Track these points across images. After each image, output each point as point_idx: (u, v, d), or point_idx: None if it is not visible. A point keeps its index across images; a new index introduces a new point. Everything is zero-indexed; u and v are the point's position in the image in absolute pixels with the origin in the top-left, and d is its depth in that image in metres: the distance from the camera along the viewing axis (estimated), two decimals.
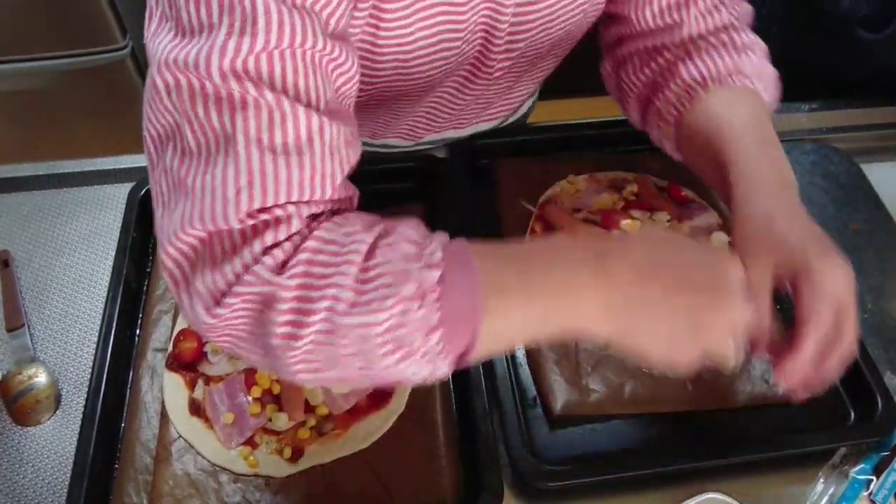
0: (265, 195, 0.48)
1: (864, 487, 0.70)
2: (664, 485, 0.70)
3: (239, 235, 0.48)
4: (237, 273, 0.47)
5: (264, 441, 0.69)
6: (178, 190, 0.49)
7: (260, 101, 0.48)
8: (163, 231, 0.50)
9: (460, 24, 0.67)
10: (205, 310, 0.48)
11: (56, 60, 1.70)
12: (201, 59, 0.47)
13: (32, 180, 0.93)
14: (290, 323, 0.47)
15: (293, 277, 0.47)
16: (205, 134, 0.48)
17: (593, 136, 0.98)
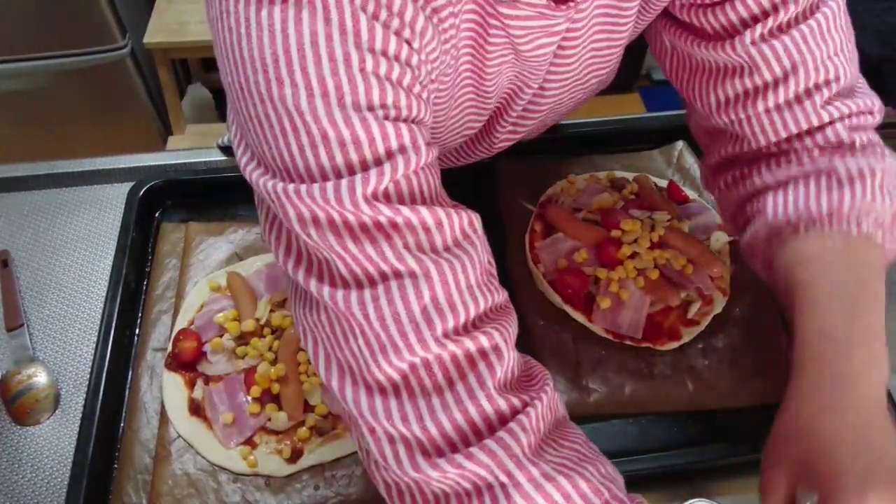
0: (454, 308, 0.44)
1: None
2: (664, 485, 0.70)
3: (442, 367, 0.43)
4: (459, 428, 0.43)
5: (264, 441, 0.69)
6: (346, 322, 0.45)
7: (412, 218, 0.44)
8: (332, 362, 0.46)
9: (484, 110, 0.65)
10: (409, 459, 0.43)
11: (56, 60, 1.71)
12: (343, 190, 0.42)
13: (32, 180, 0.93)
14: None
15: (542, 493, 0.42)
16: (361, 265, 0.44)
17: (593, 136, 0.97)
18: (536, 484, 0.42)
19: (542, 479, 0.43)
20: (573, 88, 0.68)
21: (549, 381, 0.49)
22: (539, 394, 0.47)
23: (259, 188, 0.46)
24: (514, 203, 0.88)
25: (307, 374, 0.71)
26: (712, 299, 0.79)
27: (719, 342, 0.77)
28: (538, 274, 0.80)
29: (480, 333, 0.45)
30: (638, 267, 0.78)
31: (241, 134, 0.47)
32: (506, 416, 0.44)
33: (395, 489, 0.46)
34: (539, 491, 0.42)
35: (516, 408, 0.45)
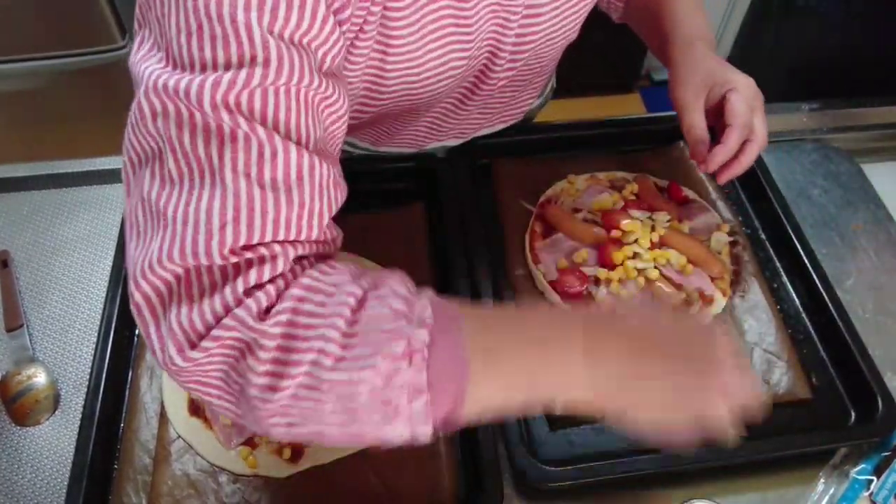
0: (251, 231, 0.46)
1: (865, 488, 0.70)
2: (664, 485, 0.70)
3: (220, 272, 0.45)
4: (217, 315, 0.45)
5: (264, 441, 0.69)
6: (156, 220, 0.47)
7: (250, 136, 0.46)
8: (135, 263, 0.47)
9: (468, 45, 0.67)
10: (178, 352, 0.45)
11: (56, 60, 1.70)
12: (193, 88, 0.45)
13: (32, 180, 0.93)
14: (270, 374, 0.44)
15: (277, 325, 0.44)
16: (188, 164, 0.46)
17: (593, 136, 0.97)
18: (273, 322, 0.45)
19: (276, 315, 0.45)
20: (563, 9, 0.71)
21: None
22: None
23: (134, 70, 0.49)
24: (514, 203, 0.88)
25: None
26: (712, 299, 0.79)
27: None
28: (538, 274, 0.80)
29: (264, 247, 0.46)
30: (638, 267, 0.78)
31: (143, 16, 0.51)
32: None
33: (202, 396, 0.48)
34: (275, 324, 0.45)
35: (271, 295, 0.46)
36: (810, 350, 0.79)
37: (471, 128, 0.89)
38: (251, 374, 0.44)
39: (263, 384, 0.44)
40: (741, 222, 0.89)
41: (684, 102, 0.75)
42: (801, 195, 0.95)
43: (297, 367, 0.44)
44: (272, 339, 0.44)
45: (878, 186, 0.96)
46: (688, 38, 0.78)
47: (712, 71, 0.75)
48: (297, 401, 0.45)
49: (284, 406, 0.45)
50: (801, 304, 0.82)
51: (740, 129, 0.71)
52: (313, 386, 0.44)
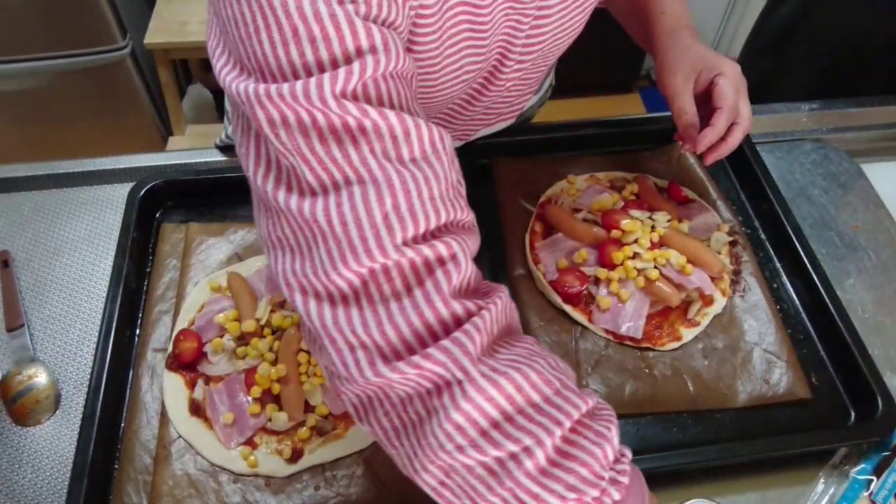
0: (414, 215, 0.44)
1: (865, 487, 0.70)
2: (664, 484, 0.70)
3: (401, 273, 0.44)
4: (416, 332, 0.43)
5: (264, 441, 0.69)
6: (309, 231, 0.45)
7: (379, 123, 0.45)
8: (295, 273, 0.45)
9: (482, 49, 0.67)
10: (369, 364, 0.43)
11: (56, 60, 1.70)
12: (311, 89, 0.43)
13: (32, 180, 0.93)
14: (463, 431, 0.42)
15: (495, 385, 0.43)
16: (327, 170, 0.44)
17: (593, 136, 0.98)
18: (489, 378, 0.44)
19: (495, 374, 0.44)
20: (570, 10, 0.71)
21: (503, 291, 0.50)
22: (494, 300, 0.48)
23: (232, 92, 0.47)
24: (514, 203, 0.88)
25: (308, 375, 0.71)
26: (712, 299, 0.79)
27: (719, 342, 0.77)
28: (538, 274, 0.80)
29: (440, 242, 0.45)
30: (638, 267, 0.78)
31: (220, 39, 0.49)
32: (461, 319, 0.45)
33: (360, 401, 0.47)
34: (492, 383, 0.43)
35: (471, 311, 0.46)
36: (810, 350, 0.79)
37: (475, 128, 0.89)
38: (445, 414, 0.43)
39: (451, 437, 0.43)
40: (741, 222, 0.89)
41: (674, 88, 0.78)
42: (800, 195, 0.95)
43: (497, 450, 0.43)
44: (485, 399, 0.43)
45: (878, 186, 0.96)
46: (673, 27, 0.81)
47: (700, 57, 0.78)
48: (469, 475, 0.44)
49: (454, 471, 0.44)
50: (800, 304, 0.82)
51: (728, 111, 0.74)
52: (496, 473, 0.43)
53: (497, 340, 0.48)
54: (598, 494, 0.44)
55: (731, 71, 0.76)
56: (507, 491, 0.43)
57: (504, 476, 0.43)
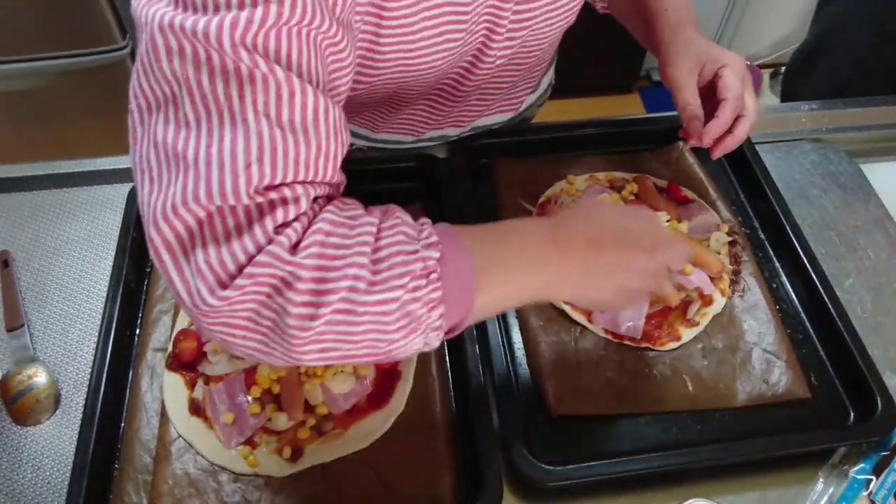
0: (275, 171, 0.47)
1: (864, 487, 0.70)
2: (664, 484, 0.70)
3: (246, 213, 0.47)
4: (249, 253, 0.46)
5: (264, 441, 0.69)
6: (174, 163, 0.47)
7: (268, 77, 0.47)
8: (152, 207, 0.47)
9: (464, 17, 0.67)
10: (209, 292, 0.46)
11: (56, 60, 1.70)
12: (212, 28, 0.45)
13: (32, 180, 0.93)
14: (308, 304, 0.47)
15: (310, 257, 0.47)
16: (206, 106, 0.46)
17: (593, 136, 0.98)
18: (306, 254, 0.48)
19: (306, 248, 0.48)
20: None
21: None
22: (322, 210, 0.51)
23: (139, 14, 0.48)
24: (513, 203, 0.88)
25: (308, 375, 0.71)
26: (711, 299, 0.79)
27: (719, 342, 0.77)
28: None
29: (287, 188, 0.48)
30: None
31: None
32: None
33: (224, 335, 0.49)
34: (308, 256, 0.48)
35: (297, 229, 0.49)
36: (809, 350, 0.79)
37: (469, 115, 0.89)
38: (290, 305, 0.46)
39: (302, 314, 0.47)
40: (740, 222, 0.89)
41: (678, 80, 0.77)
42: (800, 195, 0.95)
43: (333, 294, 0.47)
44: (308, 271, 0.47)
45: (878, 186, 0.96)
46: (676, 21, 0.81)
47: (703, 50, 0.78)
48: (333, 326, 0.48)
49: (321, 332, 0.48)
50: (800, 304, 0.82)
51: (734, 101, 0.74)
52: (349, 310, 0.48)
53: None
54: (422, 264, 0.49)
55: (735, 63, 0.76)
56: (364, 315, 0.48)
57: (355, 307, 0.48)
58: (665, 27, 0.81)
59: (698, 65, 0.77)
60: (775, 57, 2.54)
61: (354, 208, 0.53)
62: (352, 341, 0.49)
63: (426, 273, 0.50)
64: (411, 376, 0.73)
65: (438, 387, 0.73)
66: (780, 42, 2.51)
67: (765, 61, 2.55)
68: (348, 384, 0.71)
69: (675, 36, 0.80)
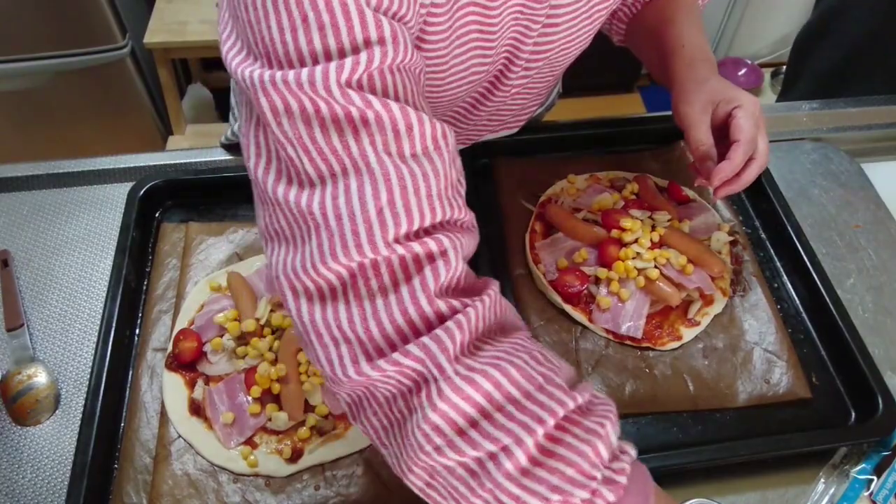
0: (409, 213, 0.44)
1: (865, 487, 0.70)
2: (665, 484, 0.69)
3: (389, 269, 0.43)
4: (398, 328, 0.43)
5: (264, 441, 0.69)
6: (304, 223, 0.45)
7: (382, 115, 0.44)
8: (289, 267, 0.45)
9: (489, 51, 0.66)
10: (352, 362, 0.43)
11: (56, 60, 1.70)
12: (317, 76, 0.43)
13: (32, 180, 0.93)
14: (440, 431, 0.42)
15: (475, 388, 0.42)
16: (326, 160, 0.44)
17: (593, 136, 0.97)
18: (466, 376, 0.43)
19: (472, 372, 0.43)
20: (580, 20, 0.71)
21: (493, 287, 0.49)
22: (482, 297, 0.46)
23: (238, 77, 0.46)
24: (514, 203, 0.88)
25: (307, 375, 0.71)
26: (712, 299, 0.79)
27: (720, 342, 0.77)
28: (538, 274, 0.80)
29: (431, 239, 0.45)
30: (638, 267, 0.78)
31: (230, 23, 0.49)
32: (445, 317, 0.44)
33: (352, 400, 0.47)
34: (468, 382, 0.42)
35: (455, 309, 0.45)
36: (810, 350, 0.79)
37: (479, 134, 0.89)
38: (423, 412, 0.42)
39: (429, 436, 0.42)
40: (741, 222, 0.89)
41: (691, 119, 0.75)
42: (801, 195, 0.95)
43: (474, 450, 0.42)
44: (466, 403, 0.42)
45: (878, 186, 0.96)
46: (692, 58, 0.79)
47: (718, 89, 0.75)
48: (450, 475, 0.43)
49: (436, 471, 0.43)
50: (801, 304, 0.82)
51: (746, 144, 0.72)
52: (477, 474, 0.42)
53: (483, 337, 0.47)
54: (588, 496, 0.42)
55: (749, 104, 0.74)
56: (488, 493, 0.42)
57: (484, 477, 0.42)
58: (680, 63, 0.79)
59: (712, 103, 0.75)
60: (775, 57, 2.54)
61: (555, 372, 0.46)
62: (459, 502, 0.43)
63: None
64: None
65: None
66: (780, 42, 2.51)
67: (765, 61, 2.55)
68: None
69: (689, 73, 0.78)
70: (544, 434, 0.42)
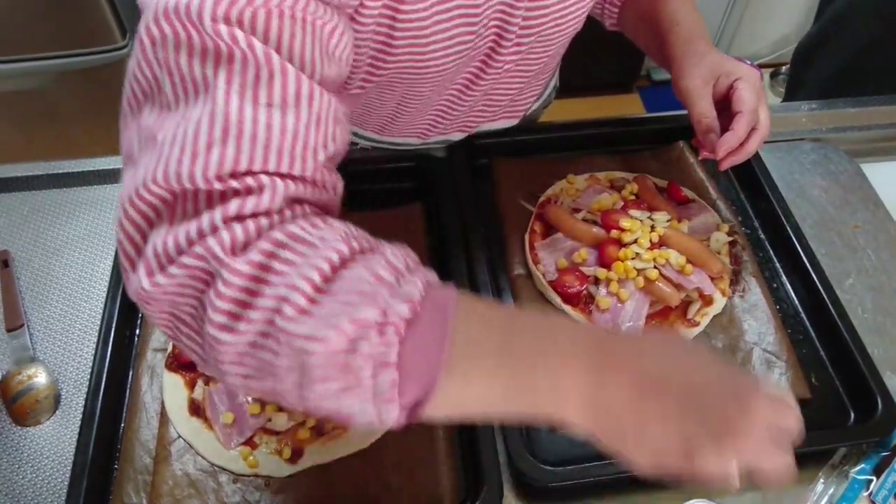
0: (239, 155, 0.43)
1: (864, 488, 0.70)
2: (664, 484, 0.70)
3: (204, 198, 0.43)
4: (190, 240, 0.42)
5: (264, 441, 0.69)
6: (147, 144, 0.45)
7: (248, 55, 0.44)
8: (125, 189, 0.45)
9: (475, 18, 0.67)
10: (146, 274, 0.43)
11: (56, 60, 1.70)
12: (193, 4, 0.44)
13: (32, 180, 0.93)
14: (229, 313, 0.42)
15: (248, 264, 0.42)
16: (184, 85, 0.45)
17: (593, 136, 0.98)
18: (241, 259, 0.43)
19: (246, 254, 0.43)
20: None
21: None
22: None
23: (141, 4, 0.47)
24: (513, 203, 0.88)
25: None
26: (712, 300, 0.79)
27: (719, 342, 0.77)
28: (538, 274, 0.80)
29: (251, 178, 0.44)
30: (638, 267, 0.78)
31: None
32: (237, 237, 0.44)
33: (167, 326, 0.47)
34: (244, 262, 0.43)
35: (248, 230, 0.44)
36: (809, 350, 0.79)
37: (475, 121, 0.89)
38: (210, 309, 0.42)
39: (221, 323, 0.42)
40: (741, 222, 0.89)
41: (693, 93, 0.76)
42: (800, 195, 0.95)
43: (258, 311, 0.41)
44: (238, 277, 0.41)
45: (878, 186, 0.96)
46: (689, 34, 0.80)
47: (717, 62, 0.77)
48: (253, 349, 0.42)
49: (241, 353, 0.42)
50: (800, 304, 0.82)
51: (749, 115, 0.73)
52: (270, 334, 0.41)
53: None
54: (378, 314, 0.40)
55: (750, 76, 0.75)
56: (285, 345, 0.41)
57: (277, 333, 0.41)
58: (677, 41, 0.81)
59: (713, 77, 0.76)
60: (775, 57, 2.54)
61: (332, 230, 0.45)
62: (276, 376, 0.42)
63: (381, 324, 0.40)
64: None
65: None
66: (780, 42, 2.51)
67: (765, 61, 2.55)
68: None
69: (687, 49, 0.79)
70: (320, 275, 0.42)
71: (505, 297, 0.81)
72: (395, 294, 0.42)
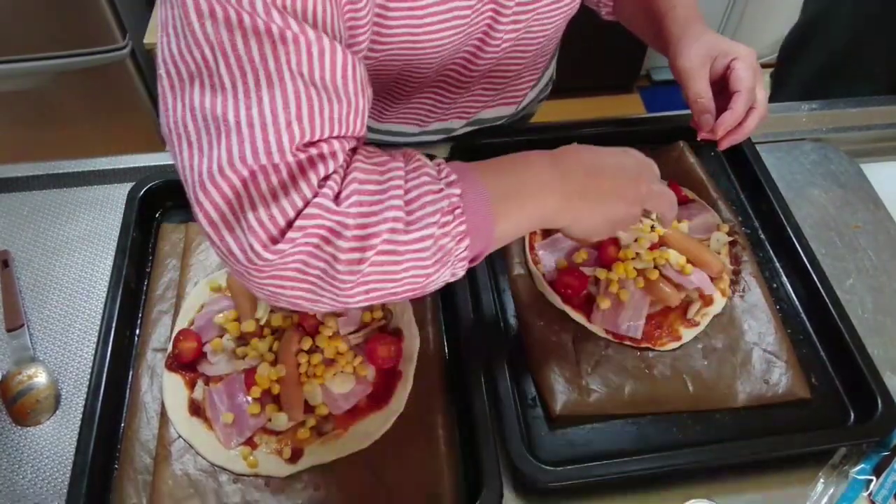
0: (313, 128, 0.49)
1: (864, 487, 0.70)
2: (664, 485, 0.70)
3: (288, 170, 0.48)
4: (297, 207, 0.48)
5: (264, 441, 0.69)
6: (213, 127, 0.48)
7: (299, 37, 0.48)
8: (196, 171, 0.49)
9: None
10: (262, 247, 0.47)
11: (56, 60, 1.70)
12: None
13: (32, 180, 0.93)
14: (356, 249, 0.49)
15: (352, 206, 0.49)
16: (242, 68, 0.48)
17: (593, 136, 0.97)
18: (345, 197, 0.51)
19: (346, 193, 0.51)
20: None
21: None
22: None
23: None
24: None
25: (307, 375, 0.71)
26: (712, 299, 0.79)
27: (719, 342, 0.77)
28: (538, 274, 0.80)
29: (325, 143, 0.51)
30: (638, 267, 0.78)
31: None
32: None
33: (270, 294, 0.51)
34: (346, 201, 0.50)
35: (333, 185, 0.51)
36: (809, 350, 0.79)
37: (474, 106, 0.89)
38: (339, 252, 0.49)
39: (351, 259, 0.49)
40: (741, 222, 0.89)
41: (689, 73, 0.77)
42: (800, 195, 0.95)
43: (376, 237, 0.50)
44: (352, 218, 0.49)
45: (878, 186, 0.96)
46: (685, 18, 0.82)
47: (714, 43, 0.78)
48: (377, 266, 0.51)
49: (367, 274, 0.50)
50: (800, 304, 0.82)
51: (747, 94, 0.75)
52: (392, 251, 0.51)
53: None
54: (447, 203, 0.52)
55: (746, 55, 0.76)
56: (406, 254, 0.51)
57: (398, 249, 0.51)
58: (674, 24, 0.82)
59: (709, 57, 0.77)
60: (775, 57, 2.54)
61: (379, 155, 0.55)
62: (395, 279, 0.52)
63: (452, 209, 0.52)
64: (411, 376, 0.73)
65: (438, 388, 0.73)
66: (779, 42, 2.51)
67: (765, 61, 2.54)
68: (348, 384, 0.71)
69: (684, 31, 0.80)
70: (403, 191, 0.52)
71: (505, 298, 0.81)
72: (444, 183, 0.54)
